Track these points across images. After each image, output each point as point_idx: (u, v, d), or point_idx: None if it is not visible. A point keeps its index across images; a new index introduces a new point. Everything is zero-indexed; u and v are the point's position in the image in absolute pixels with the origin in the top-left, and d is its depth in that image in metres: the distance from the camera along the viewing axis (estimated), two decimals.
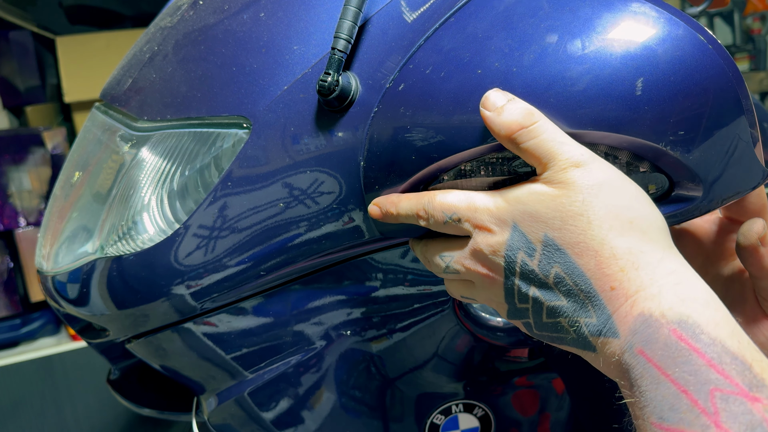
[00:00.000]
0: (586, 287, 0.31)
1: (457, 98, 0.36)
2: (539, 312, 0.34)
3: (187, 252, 0.46)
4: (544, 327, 0.34)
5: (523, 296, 0.34)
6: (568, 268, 0.32)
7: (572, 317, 0.32)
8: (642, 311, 0.29)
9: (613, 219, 0.31)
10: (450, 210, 0.36)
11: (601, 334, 0.31)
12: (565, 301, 0.32)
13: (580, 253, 0.31)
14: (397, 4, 0.42)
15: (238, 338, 0.50)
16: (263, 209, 0.44)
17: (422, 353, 0.52)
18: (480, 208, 0.35)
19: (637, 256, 0.30)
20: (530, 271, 0.33)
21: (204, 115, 0.47)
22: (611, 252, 0.31)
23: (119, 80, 0.58)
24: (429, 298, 0.49)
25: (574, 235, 0.31)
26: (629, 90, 0.34)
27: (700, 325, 0.28)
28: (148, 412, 0.69)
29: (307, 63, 0.43)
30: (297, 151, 0.43)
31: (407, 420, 0.54)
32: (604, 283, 0.31)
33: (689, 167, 0.35)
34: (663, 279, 0.30)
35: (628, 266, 0.30)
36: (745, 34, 2.84)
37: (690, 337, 0.28)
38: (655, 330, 0.29)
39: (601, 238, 0.31)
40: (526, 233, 0.33)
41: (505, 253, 0.34)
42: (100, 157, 0.57)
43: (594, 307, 0.31)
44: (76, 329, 0.59)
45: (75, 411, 1.43)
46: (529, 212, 0.33)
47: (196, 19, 0.52)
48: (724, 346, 0.27)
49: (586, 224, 0.31)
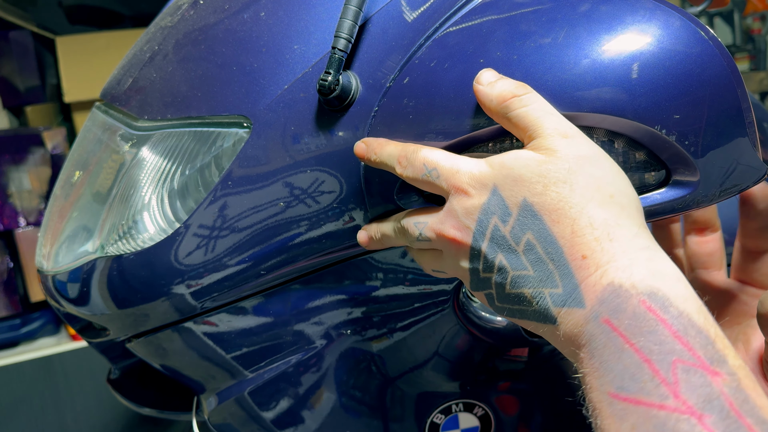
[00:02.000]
0: (557, 255, 0.31)
1: (459, 86, 0.37)
2: (503, 282, 0.34)
3: (188, 251, 0.46)
4: (506, 298, 0.34)
5: (488, 264, 0.34)
6: (541, 235, 0.32)
7: (537, 287, 0.32)
8: (612, 281, 0.29)
9: (594, 190, 0.31)
10: (432, 164, 0.36)
11: (565, 304, 0.31)
12: (531, 270, 0.32)
13: (557, 220, 0.31)
14: (397, 3, 0.42)
15: (239, 337, 0.50)
16: (263, 208, 0.44)
17: (422, 353, 0.52)
18: (462, 170, 0.35)
19: (614, 228, 0.31)
20: (501, 237, 0.33)
21: (204, 114, 0.47)
22: (588, 221, 0.31)
23: (119, 80, 0.58)
24: (429, 298, 0.49)
25: (554, 202, 0.31)
26: (625, 73, 0.34)
27: (669, 299, 0.28)
28: (148, 411, 0.69)
29: (308, 62, 0.43)
30: (297, 150, 0.43)
31: (407, 419, 0.54)
32: (577, 251, 0.31)
33: (684, 153, 0.35)
34: (636, 253, 0.30)
35: (603, 237, 0.30)
36: (745, 34, 2.84)
37: (659, 308, 0.28)
38: (624, 300, 0.29)
39: (581, 206, 0.31)
40: (505, 197, 0.33)
41: (478, 216, 0.34)
42: (101, 156, 0.57)
43: (561, 276, 0.31)
44: (77, 329, 0.59)
45: (75, 411, 1.43)
46: (513, 176, 0.33)
47: (196, 18, 0.52)
48: (691, 320, 0.28)
49: (568, 191, 0.31)
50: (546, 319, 0.32)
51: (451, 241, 0.36)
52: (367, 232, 0.43)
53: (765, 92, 2.73)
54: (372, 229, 0.42)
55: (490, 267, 0.34)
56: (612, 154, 0.36)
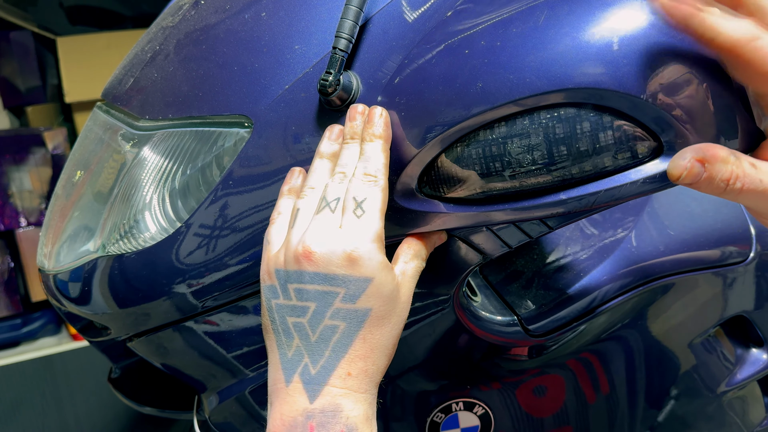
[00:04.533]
0: (338, 356, 0.37)
1: (446, 77, 0.37)
2: (293, 313, 0.38)
3: (189, 251, 0.46)
4: (282, 323, 0.38)
5: (302, 294, 0.38)
6: (348, 334, 0.37)
7: (307, 351, 0.37)
8: (341, 403, 0.36)
9: (387, 358, 0.39)
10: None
11: (304, 383, 0.37)
12: (315, 338, 0.37)
13: (365, 340, 0.37)
14: (398, 3, 0.42)
15: (239, 337, 0.50)
16: (265, 208, 0.44)
17: (422, 352, 0.52)
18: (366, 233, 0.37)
19: (374, 376, 0.38)
20: (328, 301, 0.37)
21: (205, 114, 0.47)
22: (374, 362, 0.38)
23: (121, 80, 0.59)
24: (429, 298, 0.49)
25: (377, 332, 0.38)
26: (607, 46, 0.35)
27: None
28: (149, 410, 0.69)
29: (309, 62, 0.43)
30: (298, 150, 0.43)
31: (408, 418, 0.54)
32: (349, 367, 0.37)
33: (673, 119, 0.35)
34: (366, 396, 0.37)
35: (367, 374, 0.38)
36: None
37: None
38: (334, 423, 0.36)
39: (378, 354, 0.38)
40: (366, 293, 0.37)
41: (338, 273, 0.37)
42: (102, 156, 0.57)
43: (324, 366, 0.37)
44: (78, 328, 0.59)
45: (76, 410, 1.43)
46: (387, 290, 0.38)
47: (197, 18, 0.52)
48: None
49: (387, 341, 0.38)
50: (284, 370, 0.38)
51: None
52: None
53: None
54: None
55: (301, 297, 0.38)
56: (601, 129, 0.36)
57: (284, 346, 0.38)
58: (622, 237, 0.57)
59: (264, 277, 0.39)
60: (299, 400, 0.36)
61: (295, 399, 0.36)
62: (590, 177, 0.37)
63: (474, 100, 0.36)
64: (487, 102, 0.36)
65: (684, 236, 0.58)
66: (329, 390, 0.36)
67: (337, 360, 0.36)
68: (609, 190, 0.37)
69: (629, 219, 0.59)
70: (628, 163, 0.36)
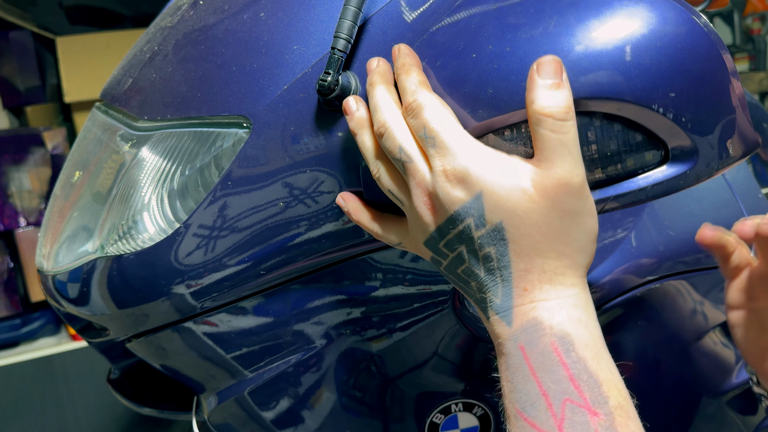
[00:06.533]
0: (506, 277, 0.35)
1: (454, 82, 0.37)
2: (456, 265, 0.37)
3: (188, 251, 0.46)
4: (455, 275, 0.38)
5: (450, 246, 0.36)
6: (501, 255, 0.35)
7: (483, 286, 0.36)
8: (537, 316, 0.34)
9: (562, 245, 0.35)
10: (433, 132, 0.35)
11: (497, 313, 0.36)
12: (483, 273, 0.36)
13: (519, 253, 0.35)
14: (396, 4, 0.42)
15: (238, 337, 0.50)
16: (263, 209, 0.44)
17: (422, 352, 0.52)
18: (461, 154, 0.34)
19: (557, 276, 0.35)
20: (469, 237, 0.35)
21: (204, 114, 0.47)
22: (542, 267, 0.35)
23: (119, 80, 0.59)
24: (428, 298, 0.49)
25: (523, 239, 0.34)
26: (619, 56, 0.35)
27: (573, 344, 0.34)
28: (149, 411, 0.69)
29: (307, 63, 0.43)
30: (297, 150, 0.43)
31: (407, 419, 0.54)
32: (522, 282, 0.35)
33: (681, 129, 0.35)
34: (565, 299, 0.35)
35: (545, 280, 0.35)
36: (745, 34, 2.84)
37: (563, 352, 0.33)
38: (540, 336, 0.34)
39: (542, 253, 0.35)
40: (486, 209, 0.34)
41: (456, 209, 0.35)
42: (101, 156, 0.57)
43: (503, 293, 0.35)
44: (77, 329, 0.59)
45: (75, 411, 1.43)
46: (499, 196, 0.34)
47: (196, 19, 0.52)
48: (586, 366, 0.33)
49: (540, 238, 0.34)
50: (483, 311, 0.37)
51: (425, 205, 0.36)
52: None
53: (765, 92, 2.73)
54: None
55: (451, 248, 0.37)
56: (610, 136, 0.36)
57: (470, 292, 0.38)
58: (621, 237, 0.57)
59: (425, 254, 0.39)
60: (502, 330, 0.36)
61: (500, 330, 0.36)
62: (599, 184, 0.37)
63: (484, 106, 0.36)
64: (498, 109, 0.36)
65: (684, 236, 0.58)
66: (519, 310, 0.35)
67: (508, 283, 0.35)
68: (617, 196, 0.37)
69: (629, 219, 0.59)
70: (636, 170, 0.37)
